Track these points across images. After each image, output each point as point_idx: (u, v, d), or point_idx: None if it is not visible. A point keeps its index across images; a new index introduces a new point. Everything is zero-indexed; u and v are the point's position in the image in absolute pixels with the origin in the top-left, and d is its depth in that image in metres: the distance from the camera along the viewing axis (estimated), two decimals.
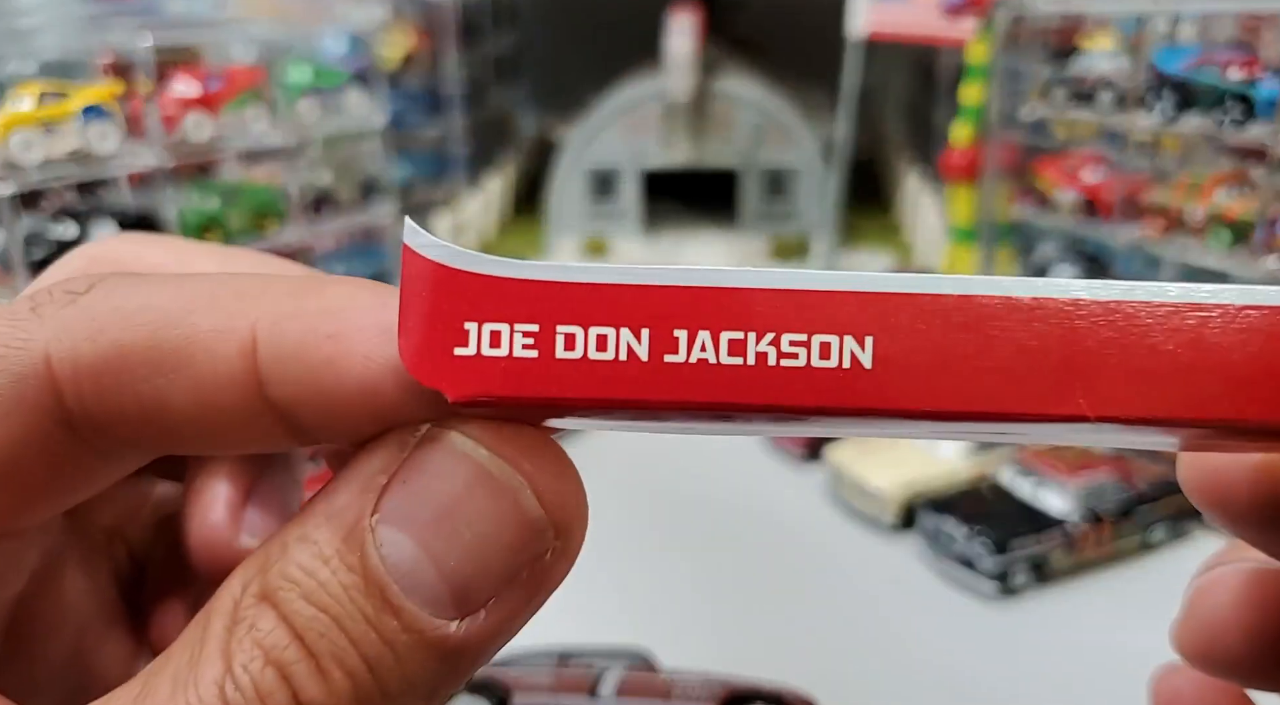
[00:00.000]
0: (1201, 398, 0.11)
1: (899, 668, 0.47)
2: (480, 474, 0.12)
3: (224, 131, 0.67)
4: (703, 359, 0.11)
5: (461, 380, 0.11)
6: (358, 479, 0.12)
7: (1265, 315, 0.11)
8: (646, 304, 0.11)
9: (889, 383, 0.11)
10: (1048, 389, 0.11)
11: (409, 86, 0.99)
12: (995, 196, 0.70)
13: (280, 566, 0.12)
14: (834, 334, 0.11)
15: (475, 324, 0.11)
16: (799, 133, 1.00)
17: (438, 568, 0.12)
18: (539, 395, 0.11)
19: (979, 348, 0.11)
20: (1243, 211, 0.59)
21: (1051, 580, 0.52)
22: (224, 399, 0.12)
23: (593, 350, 0.11)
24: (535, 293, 0.11)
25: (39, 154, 0.60)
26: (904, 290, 0.11)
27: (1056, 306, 0.11)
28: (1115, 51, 0.67)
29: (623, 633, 0.44)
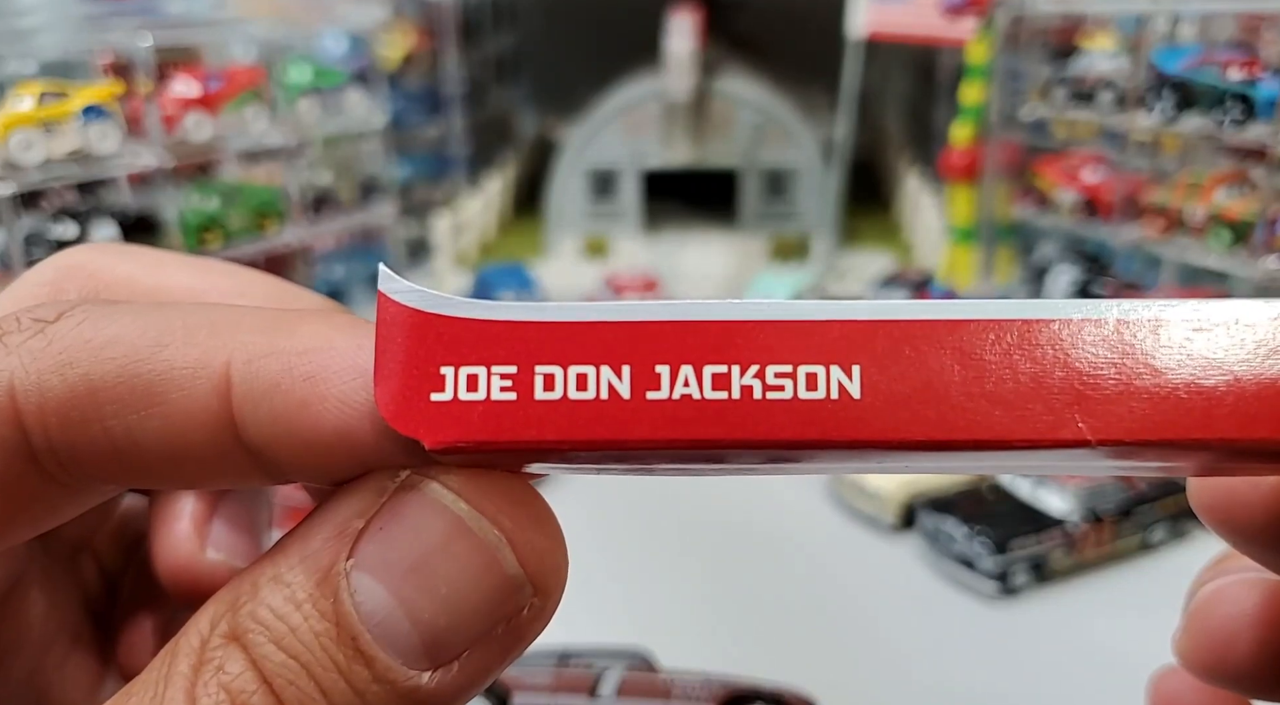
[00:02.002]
0: (1206, 418, 0.10)
1: (899, 668, 0.47)
2: (459, 528, 0.12)
3: (224, 131, 0.67)
4: (686, 395, 0.11)
5: (439, 427, 0.11)
6: (334, 521, 0.12)
7: (1268, 332, 0.11)
8: (626, 340, 0.11)
9: (879, 412, 0.11)
10: (1045, 414, 0.11)
11: (409, 86, 0.99)
12: (995, 196, 0.70)
13: (251, 607, 0.12)
14: (820, 364, 0.11)
15: (452, 368, 0.11)
16: (799, 133, 1.00)
17: (411, 619, 0.12)
18: (518, 439, 0.11)
19: (972, 374, 0.11)
20: (1243, 211, 0.59)
21: (1051, 580, 0.52)
22: (196, 438, 0.12)
23: (573, 390, 0.11)
24: (512, 334, 0.11)
25: (39, 154, 0.60)
26: (891, 317, 0.11)
27: (1051, 328, 0.11)
28: (1115, 51, 0.67)
29: (623, 633, 0.44)
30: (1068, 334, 0.11)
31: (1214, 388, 0.11)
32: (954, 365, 0.11)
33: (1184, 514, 0.55)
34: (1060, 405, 0.11)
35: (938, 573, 0.53)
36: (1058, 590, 0.52)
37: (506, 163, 1.19)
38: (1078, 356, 0.11)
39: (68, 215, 0.66)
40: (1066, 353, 0.11)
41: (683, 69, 0.90)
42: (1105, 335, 0.11)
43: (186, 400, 0.12)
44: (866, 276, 0.90)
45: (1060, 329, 0.11)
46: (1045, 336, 0.11)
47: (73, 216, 0.66)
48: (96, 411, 0.12)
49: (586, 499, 0.62)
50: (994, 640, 0.49)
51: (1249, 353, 0.11)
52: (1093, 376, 0.11)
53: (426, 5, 0.99)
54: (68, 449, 0.12)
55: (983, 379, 0.11)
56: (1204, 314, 0.11)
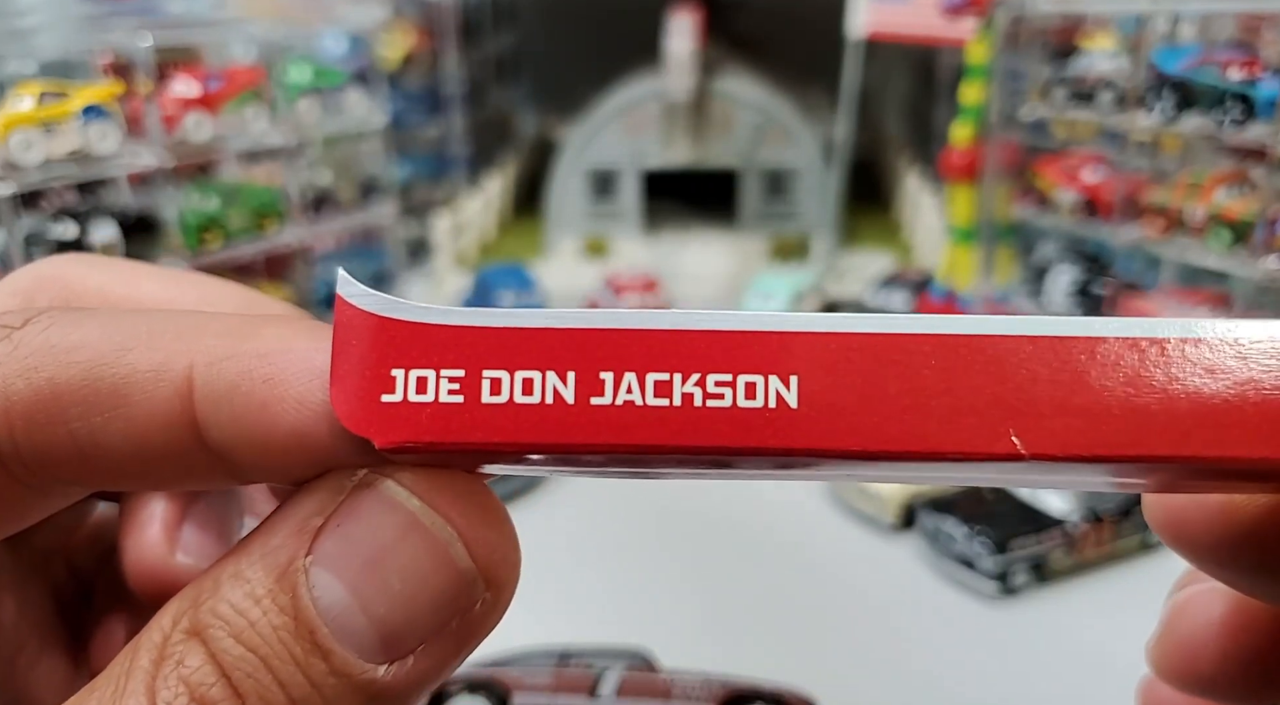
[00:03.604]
0: (1140, 434, 0.11)
1: (899, 668, 0.47)
2: (412, 524, 0.12)
3: (224, 131, 0.67)
4: (629, 401, 0.11)
5: (389, 427, 0.11)
6: (293, 519, 0.12)
7: (1204, 351, 0.11)
8: (572, 347, 0.11)
9: (815, 422, 0.11)
10: (980, 427, 0.11)
11: (409, 86, 0.99)
12: (995, 196, 0.70)
13: (211, 603, 0.12)
14: (759, 374, 0.11)
15: (402, 371, 0.11)
16: (799, 132, 1.00)
17: (367, 613, 0.12)
18: (465, 440, 0.11)
19: (907, 386, 0.11)
20: (1243, 211, 0.59)
21: (1051, 580, 0.52)
22: (159, 440, 0.12)
23: (519, 394, 0.11)
24: (461, 338, 0.11)
25: (39, 154, 0.60)
26: (829, 329, 0.11)
27: (988, 343, 0.11)
28: (1115, 51, 0.67)
29: (623, 633, 0.44)
30: (1005, 350, 0.11)
31: (1146, 406, 0.11)
32: (891, 378, 0.11)
33: None
34: (996, 420, 0.11)
35: (938, 573, 0.53)
36: (1058, 590, 0.52)
37: (506, 163, 1.19)
38: (1015, 372, 0.11)
39: (68, 215, 0.67)
40: (1004, 367, 0.11)
41: (683, 69, 0.90)
42: (1042, 351, 0.11)
43: (149, 402, 0.12)
44: (866, 276, 0.90)
45: (998, 346, 0.11)
46: (983, 352, 0.11)
47: (73, 216, 0.66)
48: (61, 414, 0.12)
49: (586, 500, 0.62)
50: (994, 640, 0.49)
51: (1183, 372, 0.11)
52: (1030, 392, 0.11)
53: (426, 5, 0.99)
54: (32, 451, 0.12)
55: (919, 392, 0.11)
56: (1141, 332, 0.11)
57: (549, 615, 0.51)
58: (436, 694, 0.40)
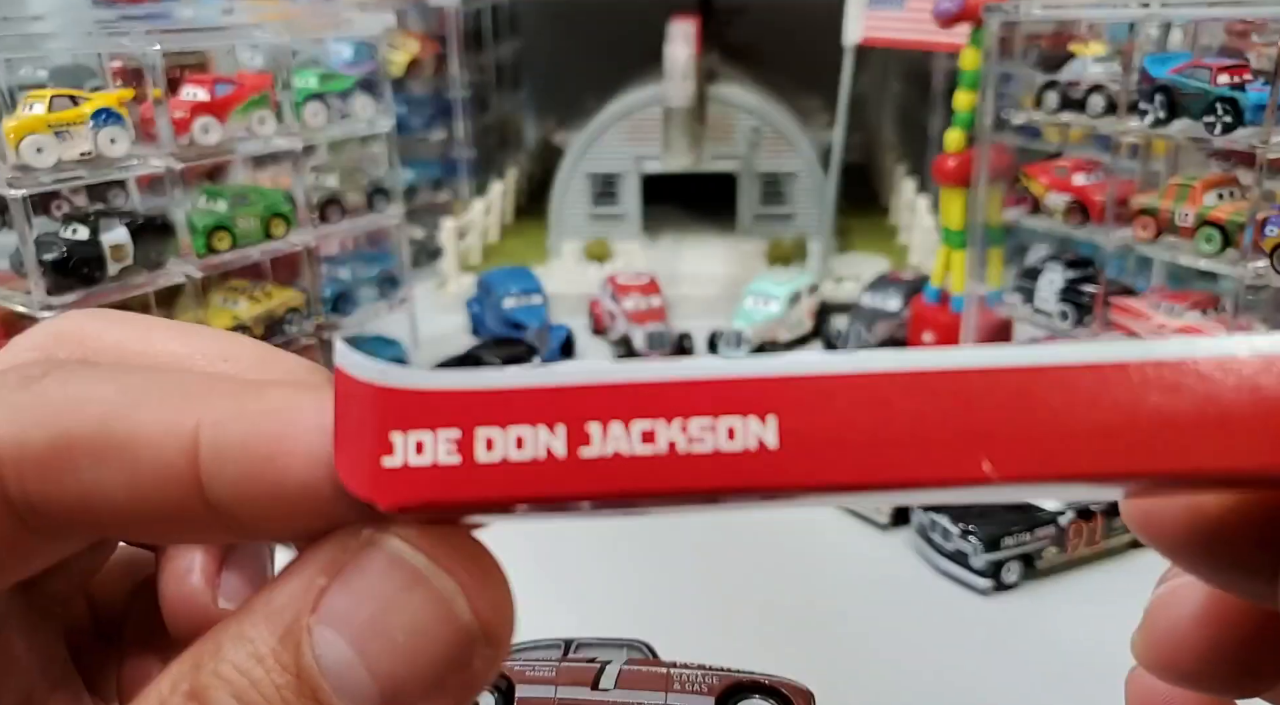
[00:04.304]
0: (1104, 454, 0.11)
1: (894, 661, 0.48)
2: (416, 579, 0.12)
3: (233, 136, 0.67)
4: (617, 450, 0.12)
5: (391, 490, 0.12)
6: (298, 579, 0.13)
7: (1165, 372, 0.11)
8: (560, 402, 0.12)
9: (795, 460, 0.11)
10: (950, 455, 0.11)
11: (415, 92, 1.00)
12: (987, 200, 0.71)
13: (214, 665, 0.12)
14: (739, 417, 0.11)
15: (401, 435, 0.12)
16: (795, 138, 1.01)
17: (371, 670, 0.12)
18: (464, 498, 0.12)
19: (878, 420, 0.11)
20: (1231, 214, 0.60)
21: (1043, 576, 0.53)
22: (163, 494, 0.13)
23: (512, 450, 0.12)
24: (455, 401, 0.12)
25: (50, 157, 0.61)
26: (803, 373, 0.12)
27: (950, 376, 0.11)
28: (1106, 57, 0.68)
29: (625, 625, 0.44)
30: (970, 382, 0.11)
31: (1110, 426, 0.11)
32: (864, 414, 0.11)
33: None
34: (964, 447, 0.11)
35: (931, 569, 0.54)
36: (1049, 586, 0.52)
37: (510, 168, 1.20)
38: (981, 402, 0.11)
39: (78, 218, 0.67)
40: (968, 398, 0.11)
41: (682, 76, 0.91)
42: (1007, 382, 0.11)
43: (155, 457, 0.13)
44: (862, 279, 0.91)
45: (963, 379, 0.11)
46: (949, 385, 0.11)
47: (83, 219, 0.67)
48: (72, 464, 0.13)
49: None
50: (986, 635, 0.49)
51: (1145, 392, 0.11)
52: (996, 420, 0.11)
53: (432, 13, 1.01)
54: (42, 499, 0.13)
55: (891, 425, 0.11)
56: (1095, 357, 0.11)
57: (552, 608, 0.51)
58: None
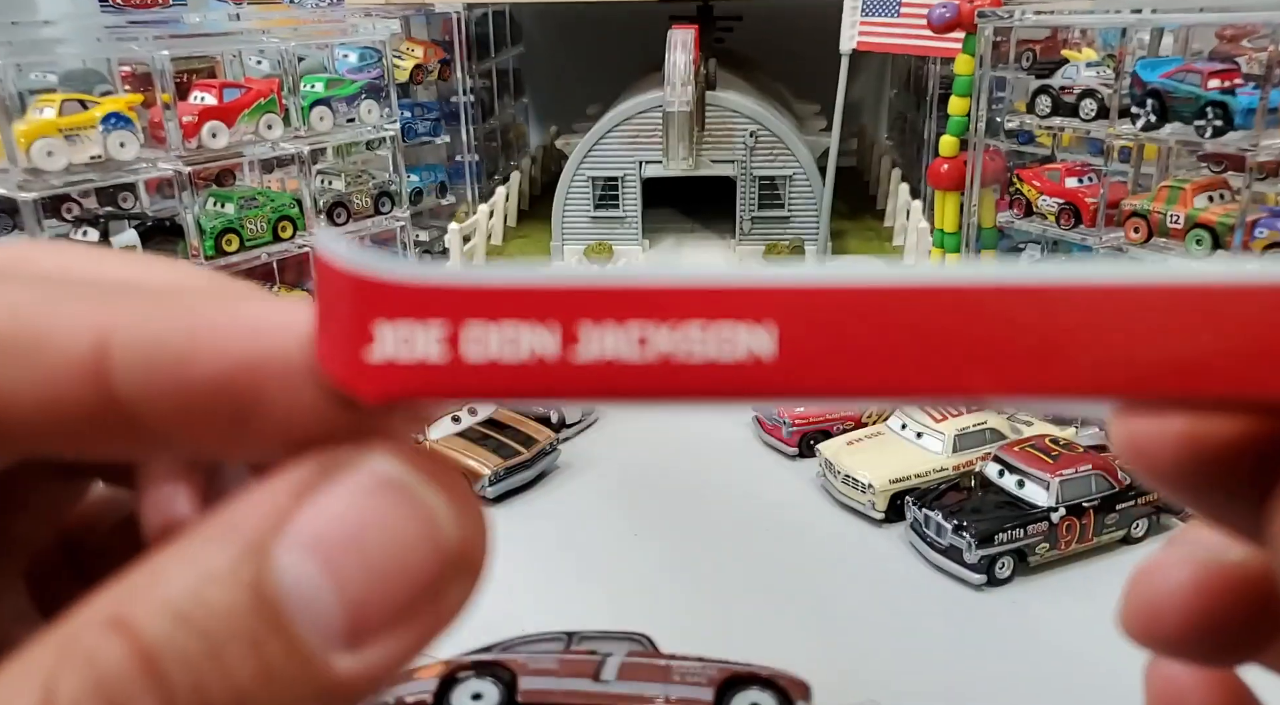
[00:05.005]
0: (1103, 375, 0.11)
1: (888, 654, 0.48)
2: (402, 496, 0.12)
3: (241, 140, 0.68)
4: (610, 355, 0.11)
5: (374, 382, 0.11)
6: (264, 497, 0.12)
7: (1166, 294, 0.11)
8: (554, 304, 0.11)
9: (791, 372, 0.11)
10: (946, 371, 0.11)
11: (420, 98, 1.01)
12: (980, 203, 0.72)
13: (152, 588, 0.11)
14: (737, 326, 0.11)
15: (387, 327, 0.11)
16: (792, 143, 1.02)
17: (339, 591, 0.11)
18: (451, 396, 0.11)
19: (877, 335, 0.11)
20: (1221, 216, 0.60)
21: (1035, 571, 0.53)
22: (71, 393, 0.12)
23: (501, 350, 0.11)
24: (444, 296, 0.11)
25: (61, 161, 0.62)
26: (803, 284, 0.11)
27: (951, 291, 0.12)
28: (1098, 62, 0.69)
29: (625, 618, 0.45)
30: (968, 296, 0.12)
31: (1110, 347, 0.11)
32: (864, 328, 0.11)
33: (1165, 508, 0.56)
34: (961, 363, 0.11)
35: (925, 563, 0.54)
36: (1041, 581, 0.53)
37: (514, 172, 1.21)
38: (977, 316, 0.11)
39: (88, 221, 0.68)
40: (966, 314, 0.11)
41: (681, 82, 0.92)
42: (1007, 300, 0.11)
43: (63, 354, 0.12)
44: None
45: (961, 291, 0.12)
46: (950, 301, 0.11)
47: (93, 222, 0.68)
48: None
49: (591, 491, 0.64)
50: (979, 628, 0.50)
51: (1145, 314, 0.11)
52: (990, 335, 0.11)
53: (436, 20, 1.02)
54: None
55: (888, 340, 0.11)
56: (1106, 278, 0.11)
57: (554, 601, 0.52)
58: (447, 677, 0.42)
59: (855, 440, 0.62)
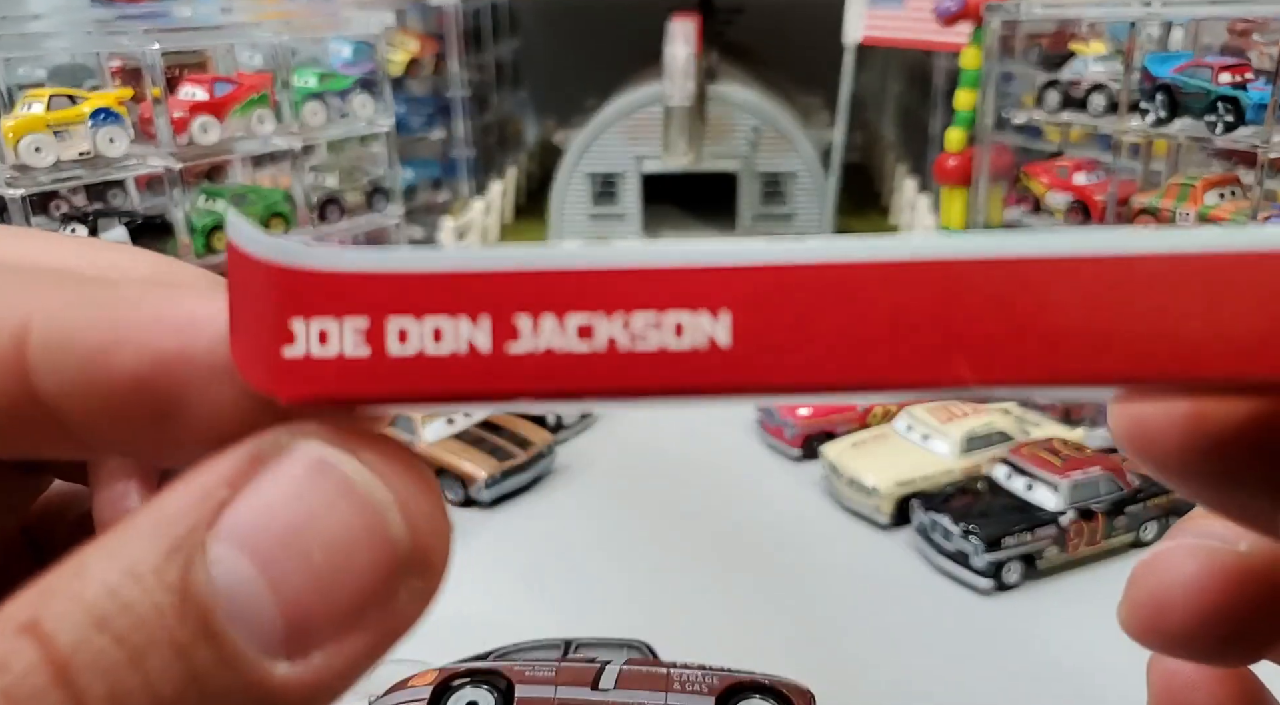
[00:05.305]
0: (1097, 357, 0.10)
1: (894, 661, 0.48)
2: (343, 487, 0.11)
3: (232, 135, 0.67)
4: (549, 347, 0.10)
5: (291, 382, 0.10)
6: (194, 488, 0.11)
7: (1165, 265, 0.10)
8: (485, 291, 0.10)
9: (751, 360, 0.10)
10: (924, 356, 0.10)
11: (414, 92, 1.00)
12: (988, 199, 0.71)
13: (68, 588, 0.10)
14: (688, 311, 0.10)
15: (303, 322, 0.10)
16: (796, 137, 1.01)
17: (276, 593, 0.10)
18: (374, 395, 0.11)
19: (847, 317, 0.10)
20: (1232, 214, 0.60)
21: (1044, 576, 0.53)
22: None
23: (429, 343, 0.10)
24: (365, 285, 0.11)
25: (49, 157, 0.61)
26: (762, 262, 0.10)
27: (932, 268, 0.10)
28: (1107, 56, 0.68)
29: (625, 625, 0.44)
30: (951, 274, 0.10)
31: (1104, 326, 0.10)
32: (829, 309, 0.10)
33: (1176, 511, 0.56)
34: (941, 347, 0.10)
35: (931, 568, 0.54)
36: (1050, 586, 0.52)
37: (510, 167, 1.20)
38: (962, 296, 0.10)
39: (77, 218, 0.67)
40: (949, 293, 0.10)
41: (682, 75, 0.91)
42: (991, 275, 0.10)
43: None
44: None
45: (943, 270, 0.10)
46: (927, 277, 0.10)
47: (82, 219, 0.67)
48: None
49: (590, 494, 0.63)
50: (987, 635, 0.49)
51: (1142, 287, 0.10)
52: (974, 315, 0.10)
53: (431, 12, 1.00)
54: None
55: (859, 322, 0.10)
56: (1096, 248, 0.10)
57: (552, 608, 0.51)
58: (441, 685, 0.41)
59: (861, 442, 0.62)
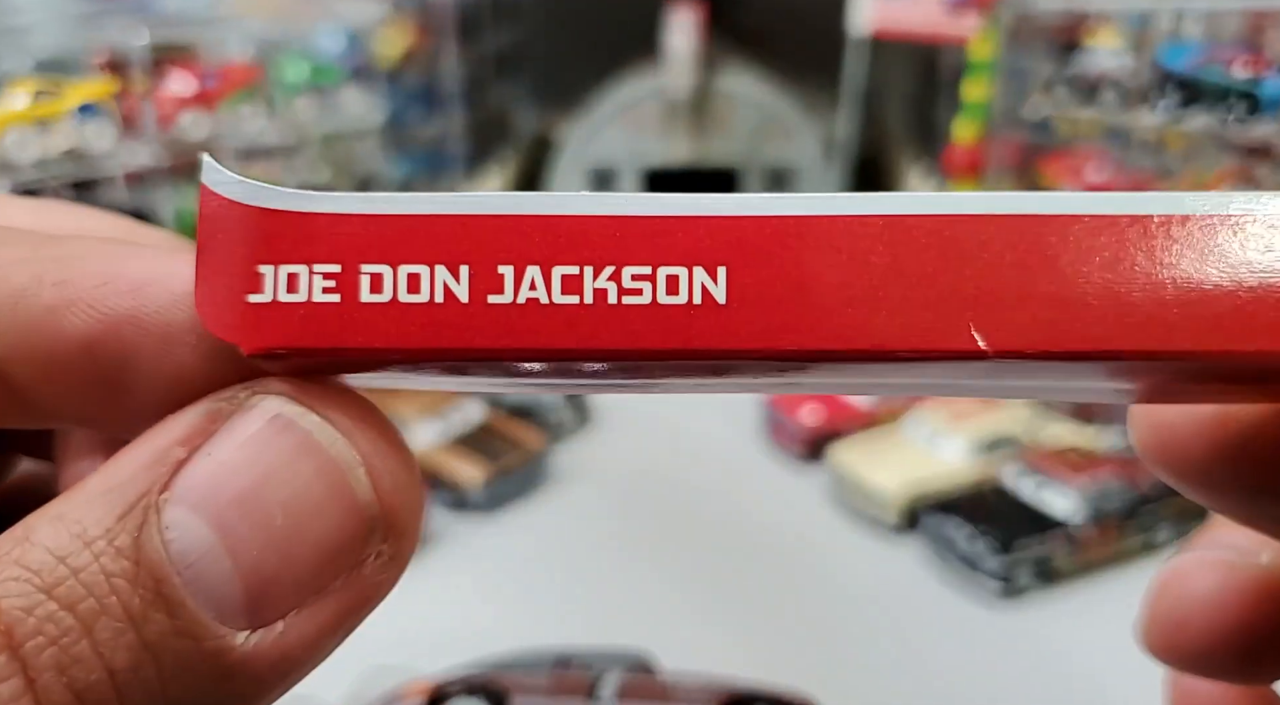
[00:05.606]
0: (1119, 326, 0.09)
1: (902, 670, 0.47)
2: (305, 445, 0.10)
3: (220, 129, 0.67)
4: (532, 298, 0.10)
5: (255, 331, 0.10)
6: (148, 450, 0.10)
7: (1194, 229, 0.09)
8: (465, 237, 0.10)
9: (746, 318, 0.10)
10: (935, 320, 0.09)
11: (407, 83, 0.99)
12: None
13: (13, 553, 0.10)
14: (683, 265, 0.10)
15: (271, 267, 0.10)
16: (801, 130, 0.99)
17: (235, 557, 0.10)
18: (343, 345, 0.10)
19: (851, 275, 0.10)
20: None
21: (1056, 581, 0.52)
22: None
23: (403, 292, 0.10)
24: (336, 229, 0.10)
25: (33, 152, 0.60)
26: (763, 213, 0.10)
27: (944, 224, 0.10)
28: (1119, 48, 0.67)
29: (623, 634, 0.43)
30: (964, 232, 0.10)
31: (1126, 294, 0.09)
32: (833, 267, 0.10)
33: (1188, 515, 0.55)
34: (953, 310, 0.09)
35: (940, 574, 0.53)
36: (1062, 591, 0.52)
37: (505, 160, 1.19)
38: (975, 256, 0.10)
39: None
40: (962, 252, 0.10)
41: (683, 66, 0.90)
42: (1006, 234, 0.10)
43: None
44: None
45: (955, 226, 0.10)
46: (938, 235, 0.10)
47: None
48: None
49: (587, 499, 0.62)
50: (998, 642, 0.48)
51: (1168, 254, 0.09)
52: (992, 279, 0.09)
53: (425, 2, 0.99)
54: None
55: (864, 282, 0.10)
56: (1120, 207, 0.09)
57: (548, 617, 0.50)
58: (434, 696, 0.40)
59: (868, 444, 0.61)
